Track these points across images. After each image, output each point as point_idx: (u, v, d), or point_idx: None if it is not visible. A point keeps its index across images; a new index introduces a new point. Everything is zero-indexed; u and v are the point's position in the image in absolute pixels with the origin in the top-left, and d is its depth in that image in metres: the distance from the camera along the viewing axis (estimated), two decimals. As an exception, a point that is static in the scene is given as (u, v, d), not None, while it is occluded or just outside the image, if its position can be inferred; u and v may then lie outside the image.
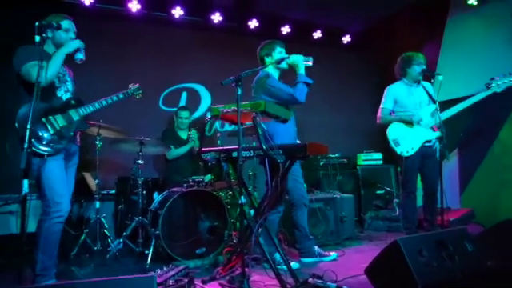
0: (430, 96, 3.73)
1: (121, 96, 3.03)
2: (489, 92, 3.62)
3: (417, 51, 3.94)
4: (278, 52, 3.43)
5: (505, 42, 4.57)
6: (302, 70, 3.29)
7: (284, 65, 3.37)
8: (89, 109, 2.83)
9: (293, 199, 3.37)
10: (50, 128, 2.62)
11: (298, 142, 3.54)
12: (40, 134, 2.57)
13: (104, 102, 2.90)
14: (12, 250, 3.43)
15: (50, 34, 2.63)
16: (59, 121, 2.67)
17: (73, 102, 2.78)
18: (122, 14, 4.87)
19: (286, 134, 3.26)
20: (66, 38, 2.76)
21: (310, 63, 3.31)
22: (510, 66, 4.27)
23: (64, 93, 2.79)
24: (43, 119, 2.62)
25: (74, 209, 4.01)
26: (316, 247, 3.45)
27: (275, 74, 3.43)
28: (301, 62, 3.29)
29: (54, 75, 2.64)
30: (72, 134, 2.73)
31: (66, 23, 2.77)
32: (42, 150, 2.56)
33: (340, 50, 6.32)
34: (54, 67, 2.59)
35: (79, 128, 2.83)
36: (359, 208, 5.23)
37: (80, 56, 2.77)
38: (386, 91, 3.96)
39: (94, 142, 3.80)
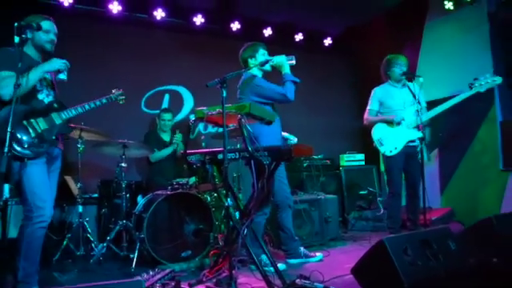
0: (414, 96, 3.81)
1: (104, 101, 2.98)
2: (472, 92, 3.73)
3: (396, 54, 4.04)
4: (262, 54, 3.45)
5: (481, 45, 4.71)
6: (287, 70, 3.33)
7: (268, 67, 3.40)
8: (71, 112, 2.77)
9: (277, 201, 3.38)
10: (31, 131, 2.55)
11: (289, 142, 3.57)
12: (20, 136, 2.50)
13: (87, 107, 2.85)
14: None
15: (29, 35, 2.59)
16: (41, 124, 2.61)
17: (55, 105, 2.73)
18: (102, 15, 4.79)
19: (271, 135, 3.27)
20: (46, 40, 2.71)
21: (294, 62, 3.35)
22: (486, 68, 4.44)
23: (46, 96, 2.73)
24: (24, 122, 2.54)
25: (56, 213, 3.90)
26: (302, 248, 3.47)
27: (259, 75, 3.44)
28: (285, 61, 3.33)
29: (30, 88, 2.56)
30: (54, 137, 2.67)
31: (46, 24, 2.69)
32: (23, 154, 2.49)
33: (321, 52, 6.38)
34: (30, 82, 2.53)
35: (61, 131, 2.77)
36: (343, 209, 5.28)
37: (62, 77, 2.75)
38: (372, 93, 4.05)
39: (76, 145, 3.73)
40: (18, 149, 2.46)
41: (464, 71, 4.76)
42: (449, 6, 5.03)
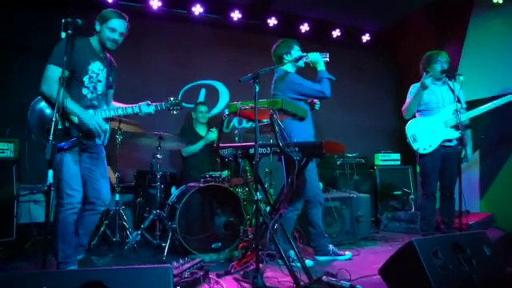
0: (453, 94, 3.65)
1: (152, 108, 2.92)
2: None
3: (438, 50, 3.89)
4: (297, 50, 3.45)
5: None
6: (322, 67, 3.34)
7: (301, 63, 3.40)
8: (109, 113, 2.81)
9: (308, 197, 3.37)
10: (66, 122, 2.64)
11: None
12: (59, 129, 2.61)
13: (129, 110, 2.85)
14: (37, 238, 3.56)
15: (98, 28, 2.74)
16: (74, 118, 2.66)
17: (94, 102, 2.79)
18: (142, 10, 4.95)
19: (303, 131, 3.27)
20: (109, 37, 2.71)
21: (327, 59, 3.35)
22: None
23: (90, 92, 2.78)
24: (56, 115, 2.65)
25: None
26: (331, 246, 3.45)
27: (293, 71, 3.45)
28: (320, 58, 3.33)
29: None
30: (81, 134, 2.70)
31: (114, 22, 2.72)
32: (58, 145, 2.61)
33: (359, 49, 6.26)
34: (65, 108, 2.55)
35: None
36: (375, 208, 5.20)
37: (98, 142, 2.79)
38: (410, 89, 3.93)
39: (115, 136, 3.88)
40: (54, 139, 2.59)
41: (510, 71, 4.53)
42: (497, 0, 4.79)
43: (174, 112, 3.07)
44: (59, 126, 2.61)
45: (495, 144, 4.76)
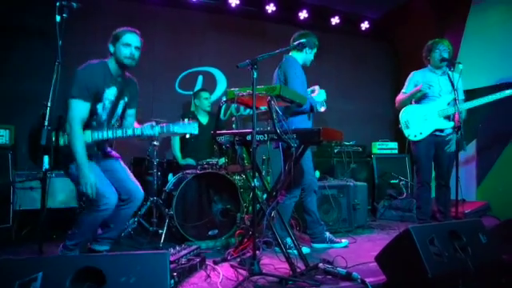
0: (452, 86, 3.63)
1: (157, 130, 2.74)
2: None
3: (439, 38, 3.86)
4: (315, 52, 3.51)
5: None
6: (317, 99, 3.40)
7: (308, 64, 3.50)
8: (106, 134, 2.69)
9: (303, 184, 3.37)
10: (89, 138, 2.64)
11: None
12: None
13: (130, 132, 2.73)
14: (33, 224, 3.56)
15: (111, 49, 2.67)
16: (86, 136, 2.62)
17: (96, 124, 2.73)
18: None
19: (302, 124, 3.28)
20: (126, 55, 2.65)
21: (323, 108, 3.48)
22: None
23: (99, 117, 2.71)
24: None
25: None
26: (327, 233, 3.46)
27: (299, 62, 3.45)
28: (322, 97, 3.43)
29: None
30: (96, 150, 2.72)
31: (126, 38, 2.67)
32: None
33: (358, 36, 6.21)
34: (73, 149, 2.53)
35: (104, 146, 2.83)
36: (372, 197, 5.22)
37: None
38: (409, 76, 3.92)
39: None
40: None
41: (510, 59, 4.50)
42: (498, -13, 4.74)
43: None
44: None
45: (492, 133, 4.76)
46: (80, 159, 2.51)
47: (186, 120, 2.79)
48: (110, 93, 2.70)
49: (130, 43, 2.67)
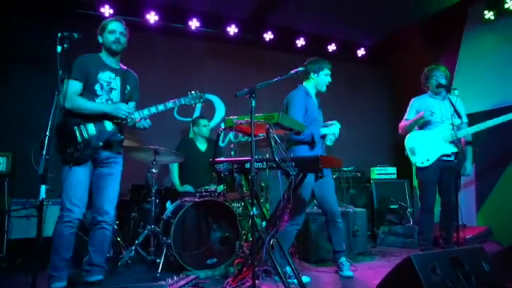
0: (455, 111, 3.63)
1: (169, 105, 2.97)
2: None
3: (436, 64, 3.93)
4: (325, 74, 3.45)
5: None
6: (325, 131, 3.38)
7: (323, 87, 3.45)
8: (125, 120, 2.80)
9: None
10: (78, 136, 2.66)
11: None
12: (68, 142, 2.64)
13: (146, 112, 2.87)
14: (27, 253, 3.50)
15: (100, 40, 2.85)
16: (90, 129, 2.70)
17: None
18: (139, 24, 4.96)
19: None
20: (112, 40, 2.82)
21: (331, 142, 3.43)
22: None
23: (105, 101, 2.81)
24: (75, 127, 2.67)
25: (88, 214, 4.06)
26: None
27: (312, 92, 3.47)
28: (336, 131, 3.39)
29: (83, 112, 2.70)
30: (101, 143, 2.72)
31: (111, 25, 2.84)
32: (68, 159, 2.64)
33: (354, 63, 6.32)
34: (85, 110, 2.69)
35: (112, 138, 2.80)
36: (372, 223, 5.17)
37: (139, 125, 2.91)
38: (410, 103, 3.96)
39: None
40: (65, 154, 2.64)
41: (504, 84, 4.57)
42: (489, 15, 4.87)
43: (198, 105, 3.09)
44: (79, 139, 2.63)
45: (491, 157, 4.77)
46: (97, 109, 2.69)
47: (192, 93, 3.10)
48: (105, 75, 2.83)
49: (115, 29, 2.83)
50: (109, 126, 2.77)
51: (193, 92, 3.10)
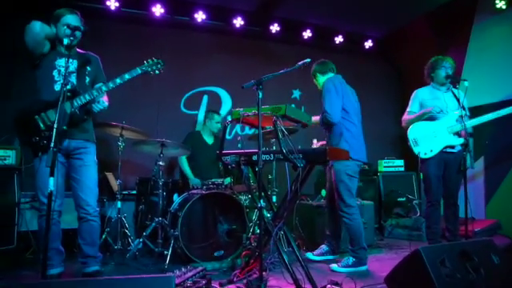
0: (458, 102, 3.60)
1: (127, 76, 2.80)
2: None
3: (444, 56, 3.87)
4: (330, 74, 3.71)
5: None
6: None
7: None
8: (84, 98, 2.69)
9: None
10: (41, 125, 2.63)
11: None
12: (33, 131, 2.62)
13: (104, 88, 2.74)
14: (37, 245, 3.53)
15: (54, 30, 2.76)
16: (50, 116, 2.64)
17: (68, 93, 2.60)
18: (145, 17, 4.96)
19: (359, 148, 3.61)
20: (66, 33, 2.64)
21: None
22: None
23: (63, 86, 2.59)
24: (36, 116, 2.64)
25: (96, 208, 4.10)
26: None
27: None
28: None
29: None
30: (65, 127, 2.51)
31: (67, 19, 2.75)
32: (36, 149, 2.64)
33: (361, 55, 6.26)
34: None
35: (75, 120, 2.71)
36: (379, 215, 5.15)
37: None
38: (413, 94, 3.89)
39: (117, 142, 3.87)
40: (32, 144, 2.63)
41: (515, 76, 4.50)
42: (500, 5, 4.78)
43: (156, 72, 2.97)
44: (42, 128, 2.62)
45: (500, 150, 4.71)
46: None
47: (148, 61, 2.96)
48: (62, 62, 2.76)
49: (70, 23, 2.69)
50: (68, 108, 2.64)
51: (149, 60, 2.96)
